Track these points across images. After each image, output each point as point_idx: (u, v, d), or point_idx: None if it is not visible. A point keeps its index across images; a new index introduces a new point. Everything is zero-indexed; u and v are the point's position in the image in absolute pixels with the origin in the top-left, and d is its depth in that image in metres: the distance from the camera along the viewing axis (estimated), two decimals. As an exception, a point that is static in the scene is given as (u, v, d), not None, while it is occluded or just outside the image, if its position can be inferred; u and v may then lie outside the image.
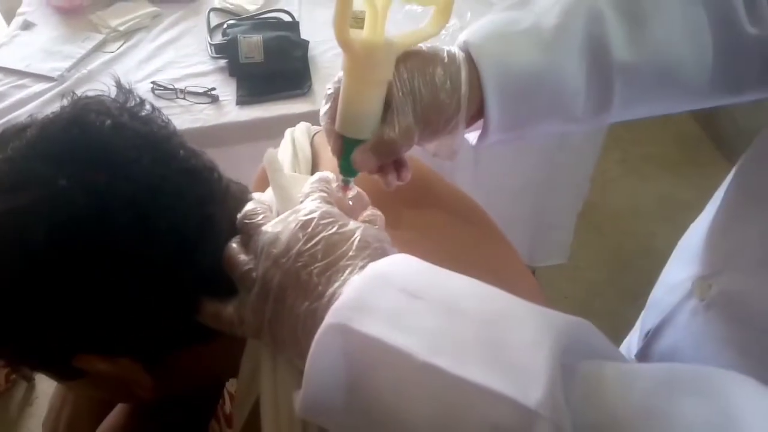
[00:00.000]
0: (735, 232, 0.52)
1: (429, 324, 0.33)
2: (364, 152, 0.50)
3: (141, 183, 0.42)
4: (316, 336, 0.35)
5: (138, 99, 0.48)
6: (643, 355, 0.58)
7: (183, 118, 1.22)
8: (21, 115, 1.24)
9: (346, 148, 0.50)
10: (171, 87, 1.26)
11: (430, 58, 0.51)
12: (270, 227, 0.43)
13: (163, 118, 0.49)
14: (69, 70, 1.35)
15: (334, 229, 0.41)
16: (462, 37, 0.53)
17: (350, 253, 0.39)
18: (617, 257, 1.99)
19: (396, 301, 0.35)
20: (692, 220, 0.64)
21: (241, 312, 0.42)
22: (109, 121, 0.43)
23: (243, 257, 0.43)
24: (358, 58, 0.47)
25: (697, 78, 0.53)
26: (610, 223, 2.10)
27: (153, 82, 1.27)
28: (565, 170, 1.51)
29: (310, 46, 1.35)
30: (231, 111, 1.23)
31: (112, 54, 1.39)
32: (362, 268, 0.38)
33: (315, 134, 0.66)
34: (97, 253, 0.41)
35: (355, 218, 0.48)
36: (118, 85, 0.48)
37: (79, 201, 0.40)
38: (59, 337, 0.44)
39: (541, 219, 1.60)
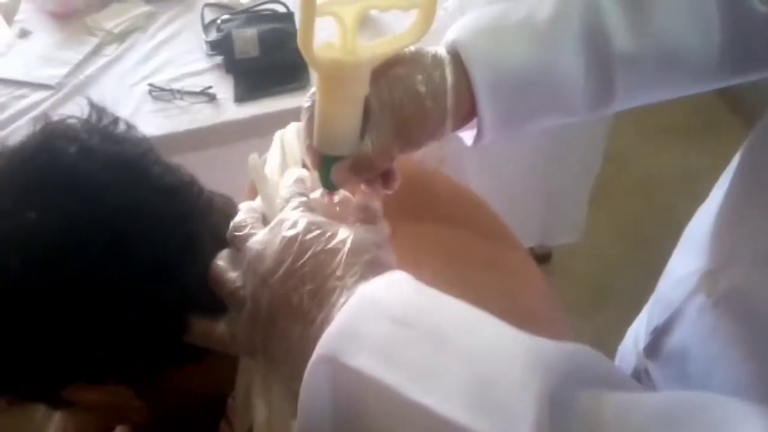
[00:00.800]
0: (742, 221, 0.49)
1: (418, 357, 0.32)
2: (341, 170, 0.48)
3: (114, 206, 0.42)
4: (307, 368, 0.34)
5: (111, 117, 0.47)
6: (652, 350, 0.56)
7: (181, 119, 1.20)
8: (21, 126, 1.24)
9: (326, 163, 0.48)
10: (167, 88, 1.24)
11: (412, 65, 0.48)
12: (256, 242, 0.42)
13: (138, 135, 0.48)
14: (66, 76, 1.34)
15: (321, 245, 0.39)
16: (449, 34, 0.50)
17: (338, 273, 0.38)
18: (636, 232, 1.95)
19: (385, 330, 0.34)
20: (710, 191, 0.61)
21: (233, 330, 0.42)
22: (75, 147, 0.42)
23: (231, 275, 0.42)
24: (328, 78, 0.44)
25: (703, 62, 0.50)
26: (628, 197, 2.05)
27: (150, 84, 1.26)
28: (575, 147, 1.48)
29: (307, 36, 1.32)
30: (229, 109, 1.21)
31: (109, 57, 1.37)
32: (351, 288, 0.37)
33: None
34: (75, 281, 0.40)
35: (346, 221, 0.47)
36: (91, 104, 0.47)
37: (51, 231, 0.40)
38: (45, 370, 0.43)
39: (552, 198, 1.56)
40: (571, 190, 1.57)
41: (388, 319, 0.34)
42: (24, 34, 1.47)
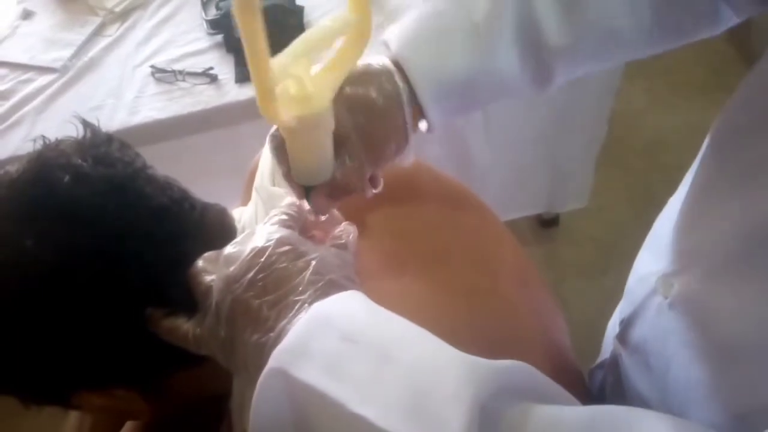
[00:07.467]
0: (701, 221, 0.49)
1: (362, 371, 0.35)
2: (319, 198, 0.50)
3: (107, 231, 0.44)
4: (260, 379, 0.36)
5: (104, 137, 0.49)
6: (622, 339, 0.58)
7: (185, 101, 1.21)
8: (29, 111, 1.26)
9: (308, 190, 0.50)
10: (170, 70, 1.25)
11: (364, 82, 0.50)
12: (230, 246, 0.44)
13: (131, 153, 0.50)
14: (71, 59, 1.35)
15: (289, 261, 0.42)
16: (390, 41, 0.52)
17: (300, 288, 0.40)
18: (644, 194, 1.94)
19: (333, 346, 0.36)
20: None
21: (195, 330, 0.44)
22: (69, 175, 0.44)
23: (206, 276, 0.44)
24: (293, 129, 0.45)
25: (635, 39, 0.54)
26: (636, 158, 2.04)
27: (152, 66, 1.27)
28: (581, 115, 1.46)
29: (306, 11, 1.31)
30: (231, 90, 1.22)
31: (111, 38, 1.38)
32: (311, 303, 0.39)
33: None
34: (71, 302, 0.43)
35: (328, 234, 0.49)
36: (85, 124, 0.49)
37: (46, 259, 0.42)
38: (47, 380, 0.47)
39: (558, 166, 1.56)
40: (577, 157, 1.57)
41: (336, 335, 0.36)
42: (27, 15, 1.48)
